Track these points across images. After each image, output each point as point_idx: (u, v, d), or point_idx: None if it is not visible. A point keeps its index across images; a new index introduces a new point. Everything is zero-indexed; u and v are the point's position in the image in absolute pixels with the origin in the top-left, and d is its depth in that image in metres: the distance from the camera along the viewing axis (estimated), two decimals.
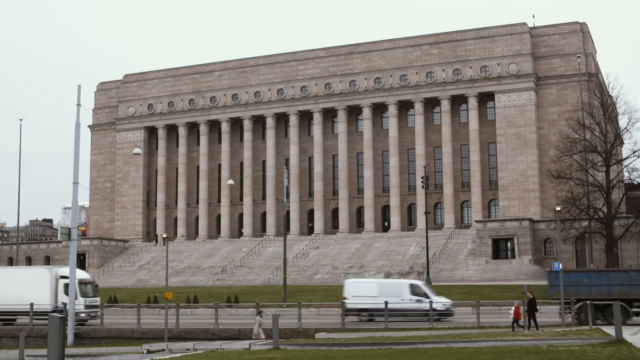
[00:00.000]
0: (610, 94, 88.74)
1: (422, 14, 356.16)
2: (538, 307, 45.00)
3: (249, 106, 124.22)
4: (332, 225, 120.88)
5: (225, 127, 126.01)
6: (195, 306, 68.65)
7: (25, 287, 55.83)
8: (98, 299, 58.71)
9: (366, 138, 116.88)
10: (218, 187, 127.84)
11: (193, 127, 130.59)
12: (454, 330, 43.33)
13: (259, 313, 44.74)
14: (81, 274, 58.35)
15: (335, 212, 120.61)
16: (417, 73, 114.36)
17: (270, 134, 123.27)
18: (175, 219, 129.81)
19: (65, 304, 54.27)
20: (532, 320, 43.06)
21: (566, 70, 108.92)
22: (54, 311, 54.33)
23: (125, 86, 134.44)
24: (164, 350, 42.88)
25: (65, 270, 57.33)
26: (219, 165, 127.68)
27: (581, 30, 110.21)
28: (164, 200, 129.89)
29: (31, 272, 60.73)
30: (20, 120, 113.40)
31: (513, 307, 44.15)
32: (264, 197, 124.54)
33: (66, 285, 55.52)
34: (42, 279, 56.15)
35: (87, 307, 56.22)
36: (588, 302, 46.54)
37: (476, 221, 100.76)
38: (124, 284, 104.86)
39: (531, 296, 43.95)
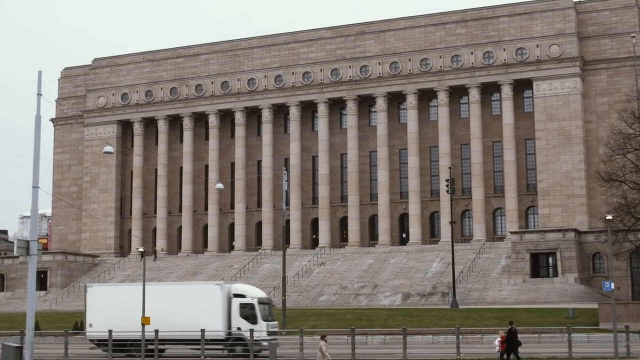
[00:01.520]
0: None
1: None
2: (520, 341, 44.64)
3: (242, 96, 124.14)
4: (340, 237, 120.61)
5: (213, 120, 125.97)
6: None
7: (188, 308, 53.34)
8: (277, 322, 56.74)
9: (380, 134, 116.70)
10: (205, 192, 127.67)
11: (175, 121, 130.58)
12: None
13: (323, 337, 44.58)
14: (257, 292, 56.40)
15: (343, 222, 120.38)
16: (440, 57, 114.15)
17: (266, 128, 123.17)
18: (154, 230, 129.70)
19: (240, 329, 52.46)
20: (512, 355, 42.80)
21: (618, 52, 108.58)
22: (226, 339, 52.56)
23: (94, 72, 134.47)
24: None
25: (240, 288, 55.55)
26: (206, 166, 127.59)
27: (636, 4, 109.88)
28: (140, 208, 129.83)
29: (196, 290, 58.02)
30: None
31: (498, 337, 43.83)
32: (259, 204, 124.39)
33: (242, 306, 53.61)
34: (211, 298, 53.58)
35: (269, 333, 53.74)
36: None
37: (511, 232, 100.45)
38: None
39: (511, 327, 43.70)
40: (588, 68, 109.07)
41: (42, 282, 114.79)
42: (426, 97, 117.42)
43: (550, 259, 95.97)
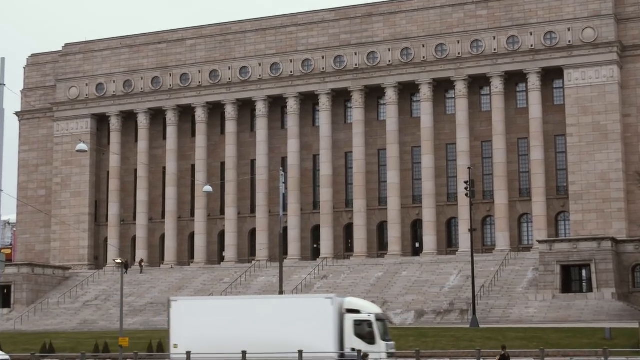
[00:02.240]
0: None
1: None
2: None
3: (233, 87, 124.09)
4: (345, 246, 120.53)
5: (200, 114, 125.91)
6: (159, 356, 68.31)
7: (292, 326, 52.21)
8: (394, 343, 55.34)
9: (390, 129, 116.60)
10: (191, 196, 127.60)
11: (157, 115, 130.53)
12: None
13: (364, 358, 44.22)
14: (373, 307, 55.27)
15: (348, 229, 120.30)
16: (458, 42, 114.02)
17: (261, 123, 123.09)
18: (134, 239, 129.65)
19: (356, 351, 50.74)
20: None
21: None
22: None
23: (65, 59, 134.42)
24: None
25: (354, 302, 54.35)
26: (193, 166, 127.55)
27: None
28: (117, 214, 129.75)
29: (302, 304, 56.18)
30: None
31: None
32: (252, 210, 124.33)
33: (357, 324, 52.21)
34: (321, 314, 52.13)
35: (388, 355, 52.29)
36: None
37: (539, 241, 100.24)
38: (63, 327, 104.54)
39: (503, 352, 43.55)
40: (627, 54, 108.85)
41: (5, 298, 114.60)
42: (442, 87, 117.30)
43: (584, 272, 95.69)
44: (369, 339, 52.03)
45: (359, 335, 52.07)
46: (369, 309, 54.03)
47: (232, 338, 52.46)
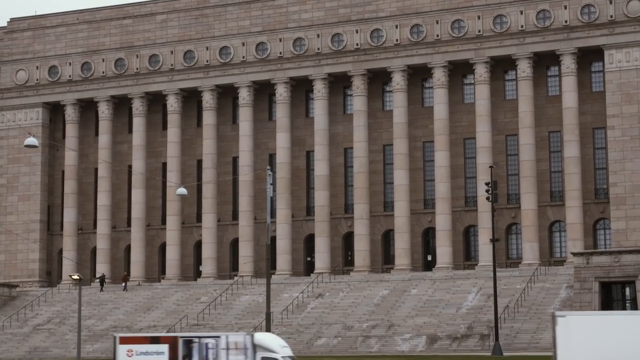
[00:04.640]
0: None
1: None
2: None
3: (212, 70, 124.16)
4: (344, 260, 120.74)
5: (173, 103, 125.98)
6: None
7: None
8: None
9: (397, 121, 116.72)
10: (162, 200, 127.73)
11: (122, 104, 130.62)
12: None
13: None
14: None
15: (348, 240, 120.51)
16: (479, 17, 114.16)
17: (245, 114, 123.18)
18: (94, 251, 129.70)
19: None
20: None
21: None
22: None
23: (11, 37, 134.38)
24: None
25: None
26: (164, 165, 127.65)
27: None
28: (74, 221, 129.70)
29: None
30: None
31: None
32: (235, 216, 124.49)
33: None
34: None
35: None
36: None
37: (574, 254, 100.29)
38: (8, 356, 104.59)
39: None
40: None
41: None
42: (459, 71, 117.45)
43: (628, 290, 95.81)
44: None
45: None
46: None
47: None
